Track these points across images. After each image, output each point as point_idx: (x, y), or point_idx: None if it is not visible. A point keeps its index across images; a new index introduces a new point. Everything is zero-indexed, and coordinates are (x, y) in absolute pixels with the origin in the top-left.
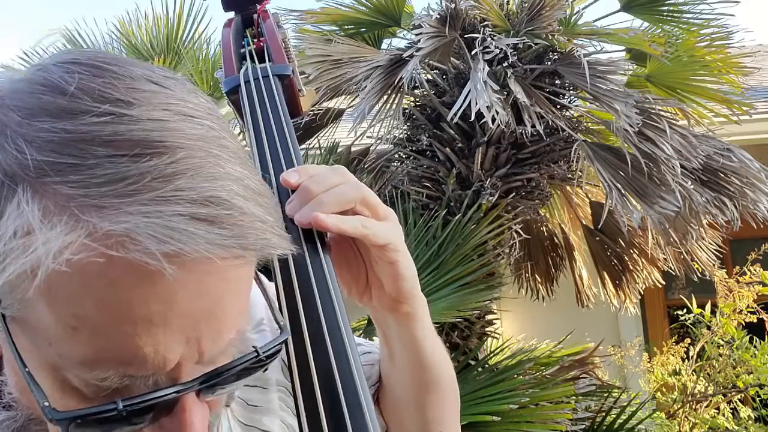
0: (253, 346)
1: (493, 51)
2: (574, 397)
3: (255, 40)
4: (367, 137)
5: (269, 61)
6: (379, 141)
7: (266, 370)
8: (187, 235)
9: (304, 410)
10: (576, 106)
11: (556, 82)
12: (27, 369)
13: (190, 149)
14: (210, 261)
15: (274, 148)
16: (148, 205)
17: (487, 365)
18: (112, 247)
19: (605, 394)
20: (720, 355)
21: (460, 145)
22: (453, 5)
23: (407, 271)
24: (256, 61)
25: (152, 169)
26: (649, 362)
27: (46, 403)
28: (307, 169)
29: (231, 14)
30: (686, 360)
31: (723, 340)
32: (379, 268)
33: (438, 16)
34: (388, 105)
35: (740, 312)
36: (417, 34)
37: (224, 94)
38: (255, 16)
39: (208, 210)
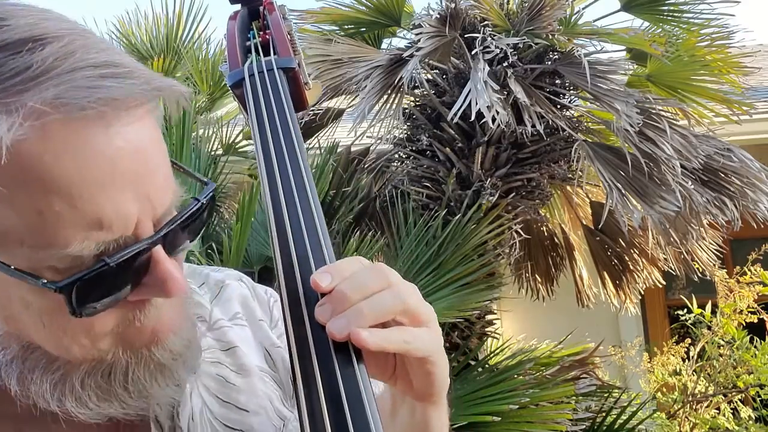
0: (193, 197)
1: (493, 51)
2: (574, 398)
3: (261, 32)
4: (367, 137)
5: (275, 54)
6: (379, 141)
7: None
8: (107, 87)
9: None
10: (576, 105)
11: (557, 81)
12: (13, 267)
13: (71, 35)
14: (135, 107)
15: (278, 142)
16: (60, 76)
17: (487, 365)
18: (55, 109)
19: (605, 395)
20: (720, 355)
21: (460, 145)
22: (453, 5)
23: (441, 376)
24: (261, 54)
25: (50, 53)
26: (649, 362)
27: (44, 280)
28: (340, 270)
29: (237, 7)
30: (687, 360)
31: (723, 341)
32: (413, 372)
33: (438, 16)
34: (388, 105)
35: (741, 312)
36: (417, 34)
37: (229, 88)
38: (261, 8)
39: (111, 69)
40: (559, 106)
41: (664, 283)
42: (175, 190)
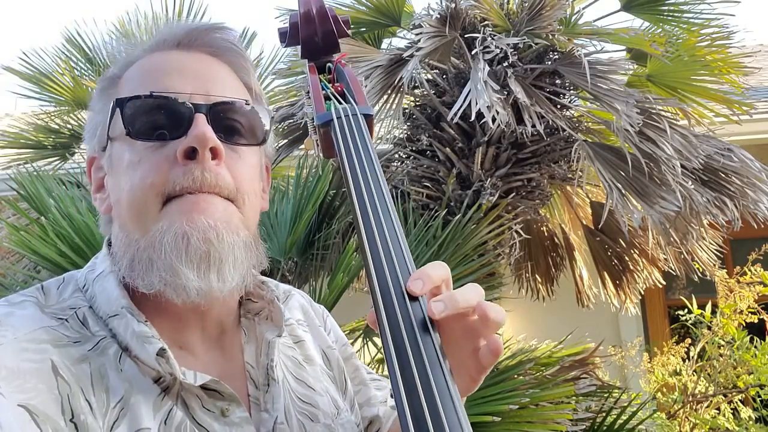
0: (245, 100)
1: (493, 51)
2: (574, 398)
3: (331, 84)
4: None
5: (354, 102)
6: (379, 141)
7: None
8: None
9: None
10: (576, 105)
11: (557, 81)
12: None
13: None
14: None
15: (365, 172)
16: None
17: None
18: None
19: (606, 395)
20: (720, 355)
21: (460, 145)
22: (453, 5)
23: (485, 375)
24: (342, 102)
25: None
26: (649, 362)
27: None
28: (427, 274)
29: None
30: (687, 360)
31: (723, 341)
32: (463, 370)
33: (438, 16)
34: (388, 105)
35: (741, 312)
36: (417, 34)
37: (316, 126)
38: (329, 65)
39: None
40: (559, 106)
41: (664, 283)
42: (240, 98)
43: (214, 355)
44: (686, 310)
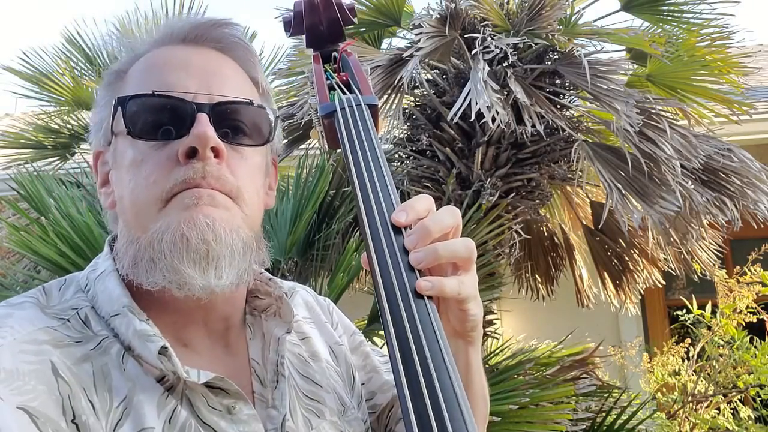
0: (250, 100)
1: (493, 51)
2: (574, 398)
3: (336, 74)
4: None
5: (359, 92)
6: (379, 141)
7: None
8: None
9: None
10: (576, 105)
11: (557, 81)
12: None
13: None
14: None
15: (369, 167)
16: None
17: (487, 365)
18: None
19: (605, 395)
20: (720, 355)
21: (460, 145)
22: (453, 5)
23: (475, 313)
24: (346, 92)
25: None
26: (649, 362)
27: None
28: (414, 207)
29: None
30: (686, 360)
31: (723, 341)
32: (449, 310)
33: (438, 16)
34: (388, 105)
35: (740, 312)
36: (417, 34)
37: (319, 117)
38: (335, 54)
39: None
40: (559, 106)
41: (664, 283)
42: (243, 93)
43: (218, 352)
44: (686, 310)
